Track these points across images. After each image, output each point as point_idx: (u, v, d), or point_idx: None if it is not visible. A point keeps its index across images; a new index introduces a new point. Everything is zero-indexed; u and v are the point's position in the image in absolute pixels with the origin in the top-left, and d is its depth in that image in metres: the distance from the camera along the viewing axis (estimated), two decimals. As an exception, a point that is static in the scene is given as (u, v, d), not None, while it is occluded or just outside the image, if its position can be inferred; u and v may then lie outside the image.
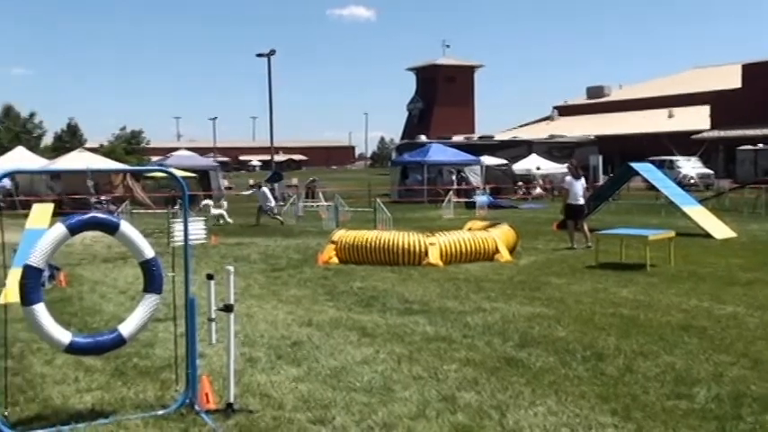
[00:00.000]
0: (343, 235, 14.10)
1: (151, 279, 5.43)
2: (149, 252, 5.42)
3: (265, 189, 25.30)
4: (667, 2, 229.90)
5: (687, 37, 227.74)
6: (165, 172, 6.67)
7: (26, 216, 12.44)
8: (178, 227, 12.52)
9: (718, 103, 57.30)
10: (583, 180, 16.42)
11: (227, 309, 5.55)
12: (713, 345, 7.31)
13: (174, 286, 5.69)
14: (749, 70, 55.44)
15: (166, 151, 52.88)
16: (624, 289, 10.58)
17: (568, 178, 16.38)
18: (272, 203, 24.64)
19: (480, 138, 57.83)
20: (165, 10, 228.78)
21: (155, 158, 53.42)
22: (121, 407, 5.61)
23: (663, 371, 6.43)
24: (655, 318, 8.61)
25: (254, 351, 7.25)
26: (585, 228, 15.90)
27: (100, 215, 5.54)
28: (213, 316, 5.56)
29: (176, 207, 21.10)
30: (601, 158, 45.36)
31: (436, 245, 13.31)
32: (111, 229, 5.32)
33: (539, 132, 62.57)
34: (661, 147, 50.66)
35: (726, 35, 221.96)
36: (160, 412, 5.41)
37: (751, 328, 8.04)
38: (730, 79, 57.79)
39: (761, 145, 45.20)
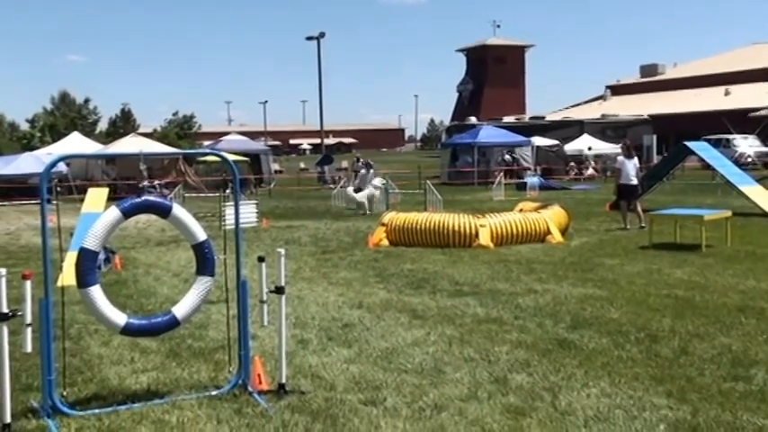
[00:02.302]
0: (394, 217, 14.10)
1: (204, 261, 5.50)
2: (202, 235, 5.50)
3: (370, 172, 24.52)
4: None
5: (745, 12, 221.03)
6: (217, 155, 6.73)
7: (82, 200, 12.73)
8: (229, 210, 12.66)
9: (778, 78, 55.55)
10: (635, 160, 16.11)
11: (279, 291, 5.60)
12: (772, 326, 7.12)
13: (226, 269, 5.77)
14: (811, 44, 53.58)
15: (218, 136, 53.51)
16: (679, 270, 10.37)
17: (620, 158, 16.09)
18: (373, 191, 21.95)
19: (531, 118, 57.11)
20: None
21: (206, 143, 54.16)
22: (176, 387, 5.71)
23: (719, 353, 6.30)
24: (711, 299, 8.43)
25: (305, 333, 7.32)
26: (639, 208, 15.61)
27: (152, 198, 5.63)
28: (265, 298, 5.61)
29: (228, 191, 21.37)
30: (655, 138, 44.45)
31: (486, 226, 13.22)
32: (164, 212, 5.40)
33: (591, 112, 61.53)
34: (717, 125, 49.34)
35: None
36: (214, 393, 5.50)
37: (812, 309, 7.82)
38: (791, 54, 55.99)
39: (822, 121, 43.70)
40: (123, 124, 72.01)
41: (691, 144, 19.71)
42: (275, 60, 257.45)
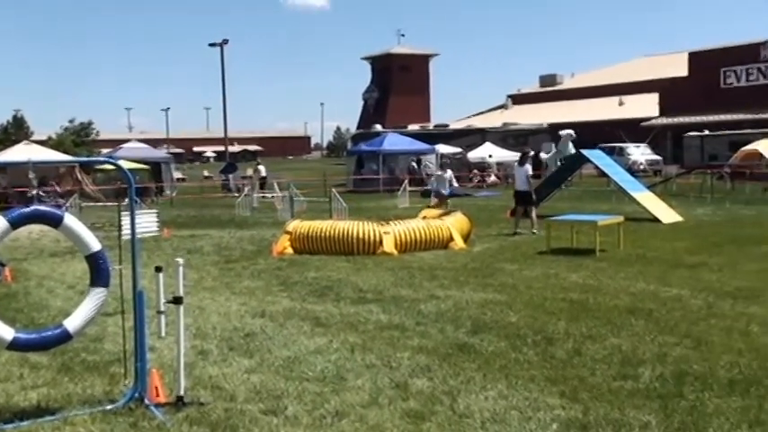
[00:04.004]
0: (298, 225, 14.05)
1: (98, 272, 5.34)
2: (95, 245, 5.34)
3: (448, 174, 22.77)
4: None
5: (638, 26, 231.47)
6: (112, 163, 6.55)
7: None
8: (128, 219, 12.33)
9: (666, 90, 58.41)
10: (526, 167, 16.61)
11: (177, 301, 5.50)
12: (658, 326, 7.48)
13: (122, 279, 5.61)
14: (695, 58, 56.58)
15: (117, 143, 51.92)
16: (574, 274, 10.75)
17: (516, 165, 16.63)
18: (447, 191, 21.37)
19: (435, 126, 58.09)
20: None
21: (105, 151, 52.56)
22: (68, 403, 5.52)
23: (610, 353, 6.56)
24: (603, 301, 8.77)
25: (205, 343, 7.20)
26: (533, 214, 16.14)
27: (42, 208, 5.44)
28: (162, 308, 5.50)
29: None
30: (553, 146, 45.92)
31: (391, 234, 13.34)
32: (55, 222, 5.22)
33: (493, 121, 63.14)
34: (613, 134, 51.40)
35: (673, 24, 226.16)
36: (108, 407, 5.34)
37: (694, 309, 8.25)
38: (677, 67, 58.89)
39: (707, 131, 46.17)
40: (15, 131, 68.87)
41: (586, 152, 20.51)
42: (178, 67, 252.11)
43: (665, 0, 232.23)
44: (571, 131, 19.37)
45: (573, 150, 20.40)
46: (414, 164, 37.73)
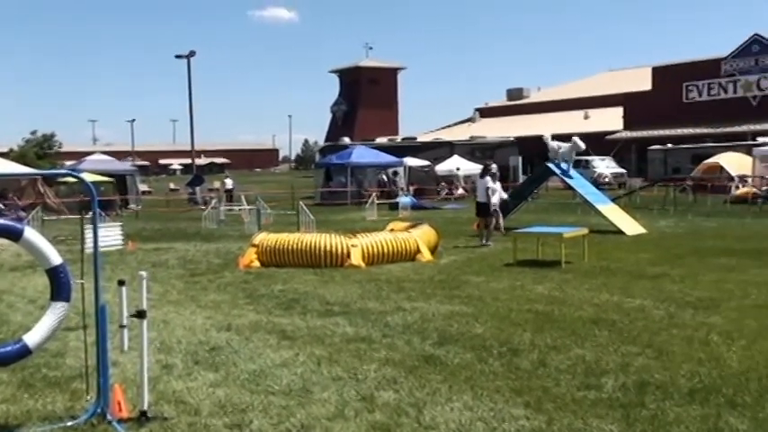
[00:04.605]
0: (265, 238, 13.99)
1: (59, 286, 5.28)
2: (56, 259, 5.28)
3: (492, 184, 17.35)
4: (583, 6, 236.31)
5: (601, 40, 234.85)
6: (73, 176, 6.49)
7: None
8: (91, 232, 12.18)
9: (631, 104, 59.25)
10: (486, 179, 16.77)
11: (140, 315, 5.45)
12: (621, 337, 7.57)
13: (83, 293, 5.55)
14: (658, 73, 57.55)
15: (81, 155, 51.35)
16: (540, 285, 10.84)
17: (477, 178, 16.86)
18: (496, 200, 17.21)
19: (403, 139, 58.29)
20: (79, 9, 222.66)
21: (69, 163, 51.86)
22: (28, 419, 5.43)
23: (574, 363, 6.63)
24: (568, 312, 8.86)
25: (170, 357, 7.13)
26: (491, 226, 16.40)
27: (2, 221, 5.36)
28: (125, 322, 5.44)
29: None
30: (520, 159, 46.39)
31: (358, 246, 13.34)
32: (14, 235, 5.15)
33: (460, 134, 63.53)
34: (578, 147, 51.89)
35: (636, 39, 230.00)
36: (69, 423, 5.26)
37: (656, 319, 8.37)
38: (641, 82, 59.82)
39: (670, 145, 46.95)
40: (-24, 143, 67.80)
41: (552, 165, 20.71)
42: (144, 78, 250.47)
43: (629, 15, 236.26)
44: (580, 143, 19.35)
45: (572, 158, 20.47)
46: (384, 177, 37.82)
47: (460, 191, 39.63)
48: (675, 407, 5.41)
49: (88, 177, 17.59)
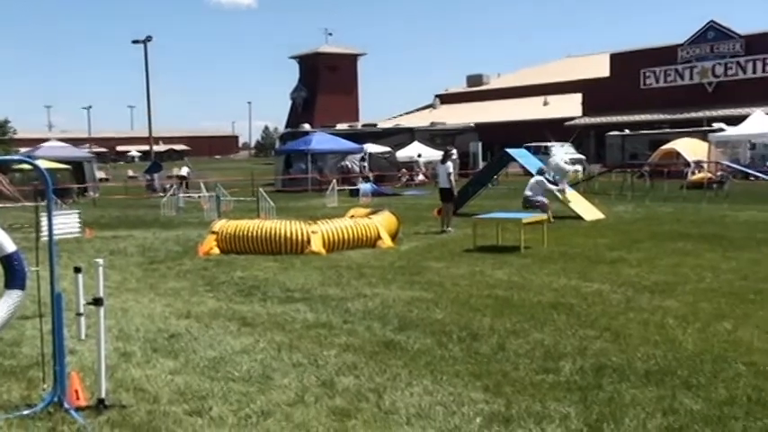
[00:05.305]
0: (225, 225, 13.89)
1: (13, 274, 5.20)
2: (10, 246, 5.19)
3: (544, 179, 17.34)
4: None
5: (560, 27, 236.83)
6: (28, 162, 6.36)
7: None
8: (46, 220, 11.97)
9: (589, 91, 59.85)
10: (447, 165, 16.85)
11: (97, 302, 5.38)
12: (579, 321, 7.69)
13: (39, 281, 5.47)
14: (616, 59, 58.18)
15: (36, 142, 50.43)
16: (499, 271, 10.94)
17: (438, 163, 16.97)
18: (543, 198, 17.01)
19: (364, 126, 58.22)
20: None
21: (23, 150, 50.85)
22: (-17, 409, 5.34)
23: (532, 347, 6.71)
24: (527, 297, 8.96)
25: (128, 345, 7.06)
26: (450, 212, 16.52)
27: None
28: (81, 310, 5.36)
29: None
30: (480, 145, 46.67)
31: (318, 233, 13.32)
32: (-33, 222, 5.04)
33: (421, 120, 63.60)
34: (538, 133, 52.47)
35: (595, 25, 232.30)
36: (26, 412, 5.18)
37: (614, 303, 8.52)
38: (599, 68, 60.45)
39: (627, 131, 47.58)
40: (-75, 129, 66.03)
41: (511, 151, 20.89)
42: (100, 64, 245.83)
43: (587, 1, 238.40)
44: (564, 158, 20.00)
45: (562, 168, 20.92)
46: (347, 164, 37.68)
47: (421, 177, 39.73)
48: (632, 389, 5.52)
49: (44, 164, 17.23)
